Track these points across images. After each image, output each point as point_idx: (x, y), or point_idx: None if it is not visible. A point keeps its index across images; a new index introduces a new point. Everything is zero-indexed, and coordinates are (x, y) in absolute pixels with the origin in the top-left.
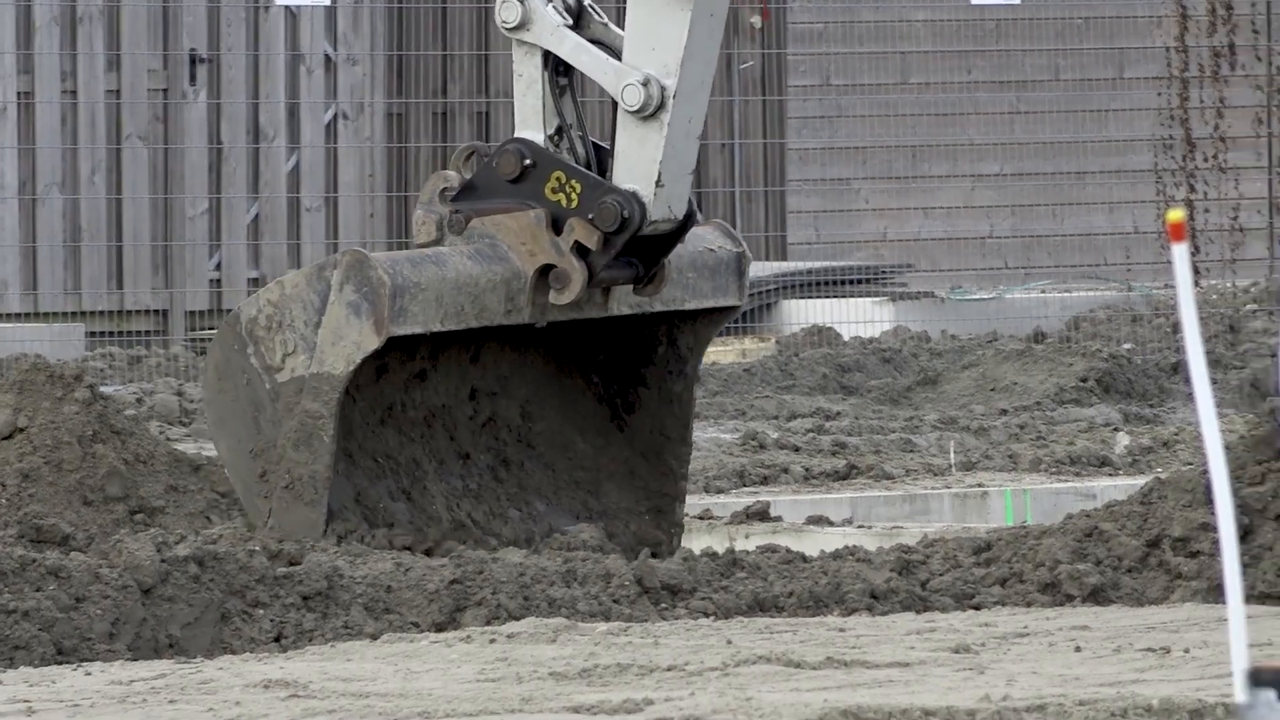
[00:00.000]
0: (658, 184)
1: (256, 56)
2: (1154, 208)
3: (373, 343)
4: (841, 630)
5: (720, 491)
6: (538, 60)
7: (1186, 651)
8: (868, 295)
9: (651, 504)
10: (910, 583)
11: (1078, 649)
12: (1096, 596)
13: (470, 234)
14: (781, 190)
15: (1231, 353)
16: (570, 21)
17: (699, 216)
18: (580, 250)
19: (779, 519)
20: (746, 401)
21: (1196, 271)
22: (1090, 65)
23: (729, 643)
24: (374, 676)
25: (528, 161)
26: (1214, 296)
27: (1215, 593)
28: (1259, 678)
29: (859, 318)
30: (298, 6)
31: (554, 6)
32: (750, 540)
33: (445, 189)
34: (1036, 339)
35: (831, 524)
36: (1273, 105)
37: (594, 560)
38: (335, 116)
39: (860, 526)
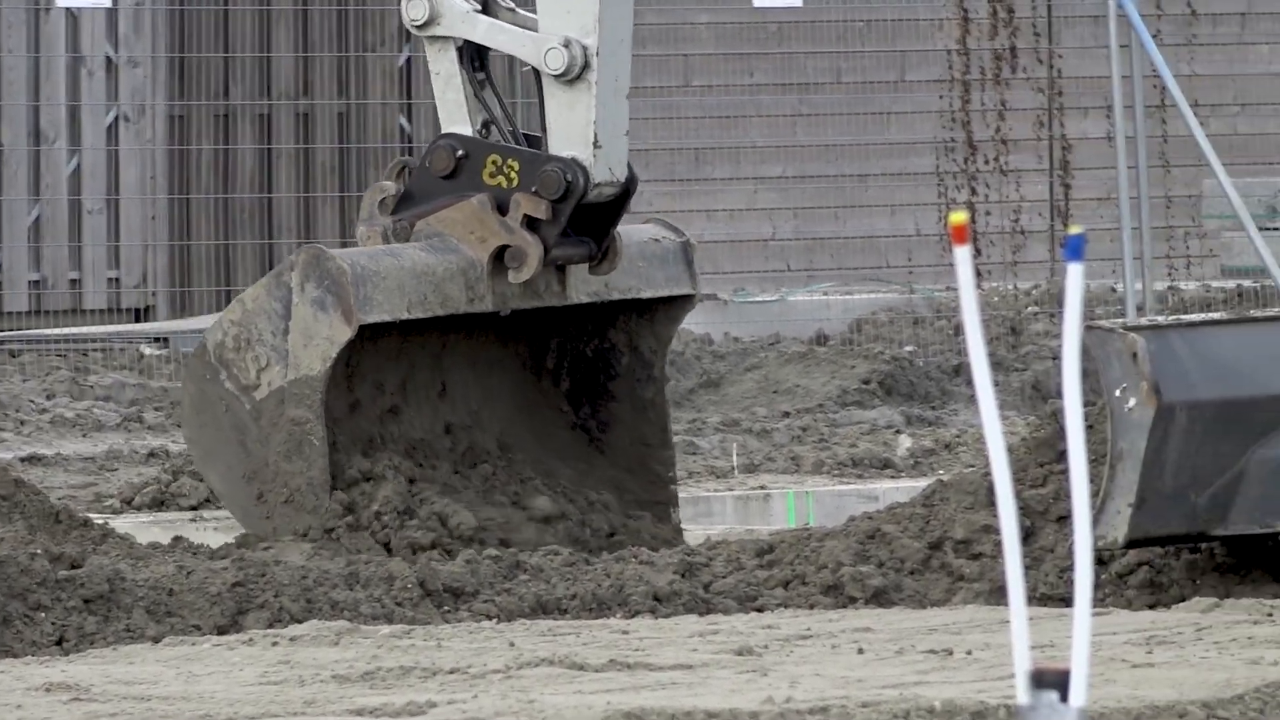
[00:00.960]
0: (595, 145)
1: (37, 59)
2: (936, 210)
3: (344, 333)
4: (624, 633)
5: None
6: (452, 54)
7: (969, 653)
8: None
9: (646, 514)
10: (693, 585)
11: (860, 651)
12: (879, 598)
13: (417, 236)
14: None
15: (1013, 355)
16: (478, 8)
17: (638, 181)
18: (531, 225)
19: None
20: None
21: (978, 274)
22: (872, 68)
23: (512, 645)
24: (156, 679)
25: (460, 153)
26: (996, 299)
27: (997, 594)
28: (1041, 679)
29: None
30: (78, 9)
31: None
32: None
33: (384, 199)
34: (819, 341)
35: None
36: (1054, 108)
37: (377, 563)
38: (117, 119)
39: None
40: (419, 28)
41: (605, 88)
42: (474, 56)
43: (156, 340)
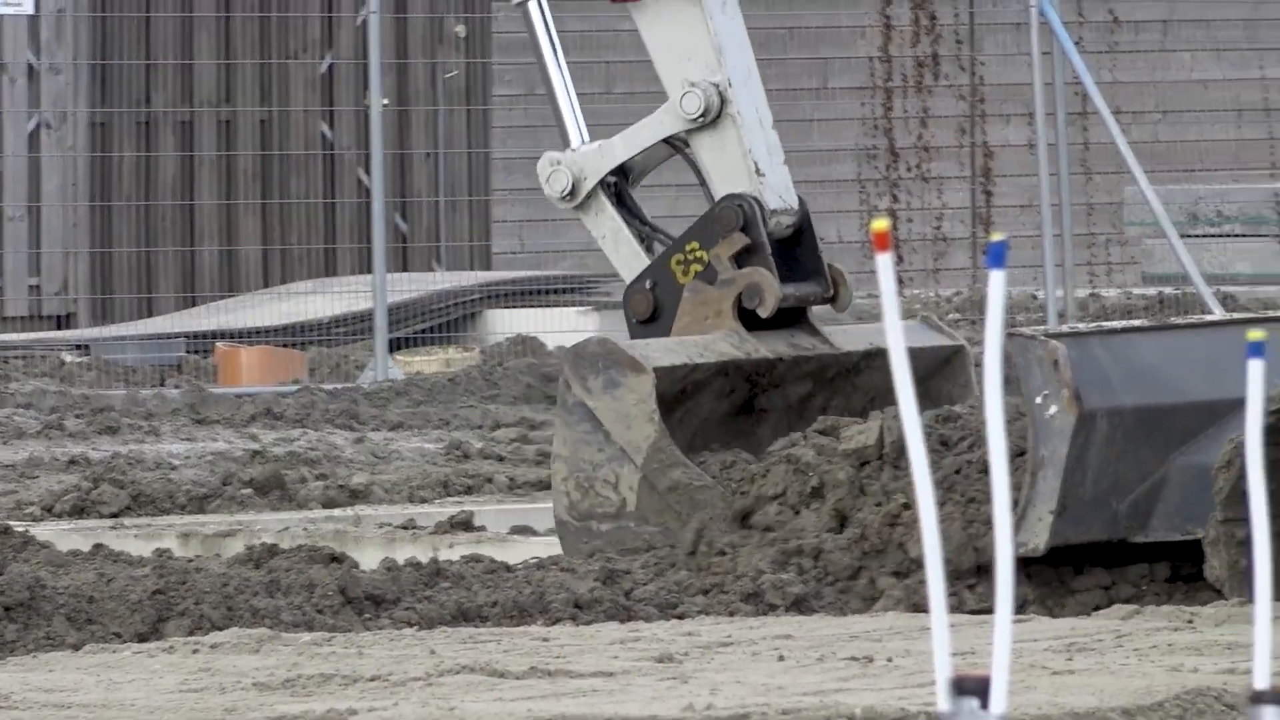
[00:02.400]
0: (758, 174)
1: None
2: (858, 217)
3: (645, 383)
4: (545, 640)
5: (424, 501)
6: (609, 209)
7: (889, 660)
8: (572, 305)
9: None
10: (614, 592)
11: (781, 658)
12: (799, 606)
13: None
14: (486, 200)
15: None
16: (592, 141)
17: (814, 226)
18: (741, 264)
19: (483, 529)
20: (451, 411)
21: (900, 281)
22: (795, 75)
23: (433, 652)
24: (76, 687)
25: (649, 284)
26: (917, 306)
27: (919, 599)
28: (962, 686)
29: (563, 327)
30: (0, 15)
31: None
32: (454, 550)
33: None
34: None
35: (535, 533)
36: (976, 115)
37: (297, 570)
38: (38, 126)
39: None
40: (568, 200)
41: (749, 118)
42: (618, 193)
43: (78, 348)
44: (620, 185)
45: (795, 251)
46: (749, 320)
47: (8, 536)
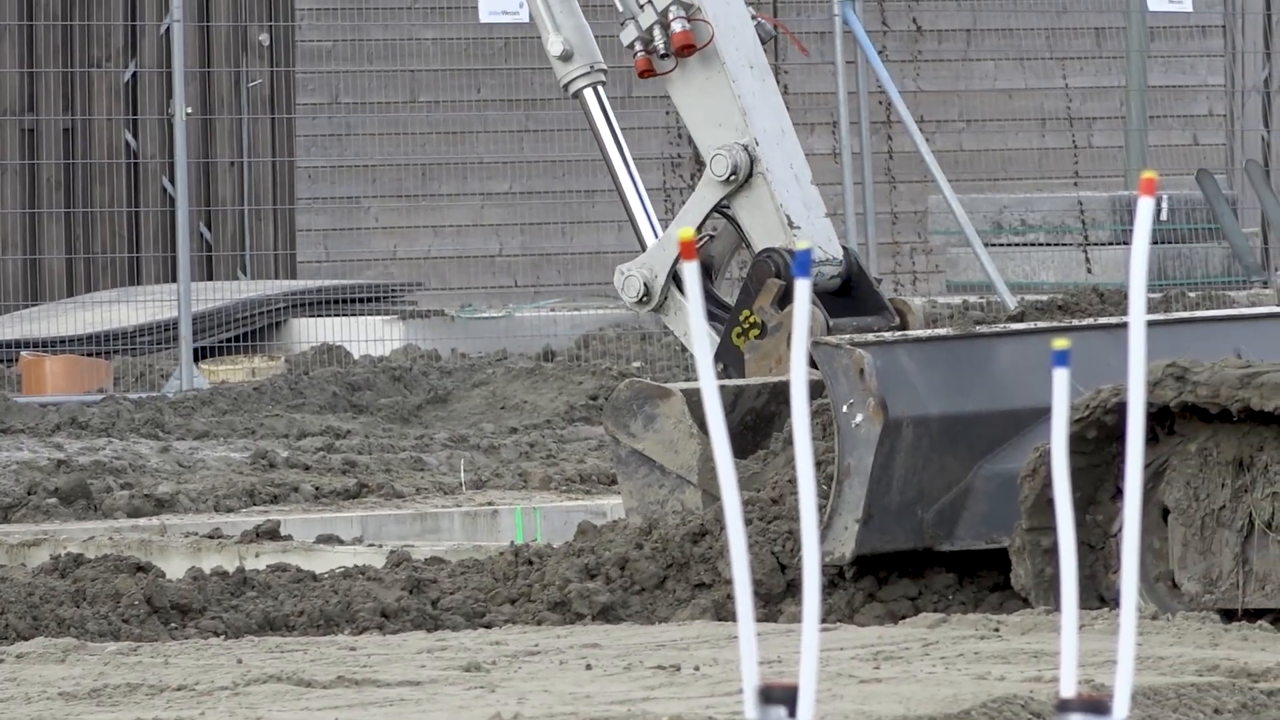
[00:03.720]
0: (792, 227)
1: None
2: (663, 226)
3: (677, 404)
4: (352, 649)
5: (230, 511)
6: (684, 306)
7: (697, 669)
8: (378, 314)
9: None
10: (421, 601)
11: (588, 667)
12: (607, 615)
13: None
14: (291, 209)
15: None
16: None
17: (866, 270)
18: (783, 305)
19: (289, 538)
20: (256, 420)
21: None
22: None
23: (239, 662)
24: None
25: (720, 368)
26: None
27: (726, 610)
28: (769, 695)
29: (369, 336)
30: None
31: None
32: (260, 559)
33: None
34: (546, 357)
35: (342, 543)
36: None
37: (103, 580)
38: None
39: (371, 545)
40: (646, 303)
41: (781, 174)
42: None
43: None
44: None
45: (851, 296)
46: None
47: None
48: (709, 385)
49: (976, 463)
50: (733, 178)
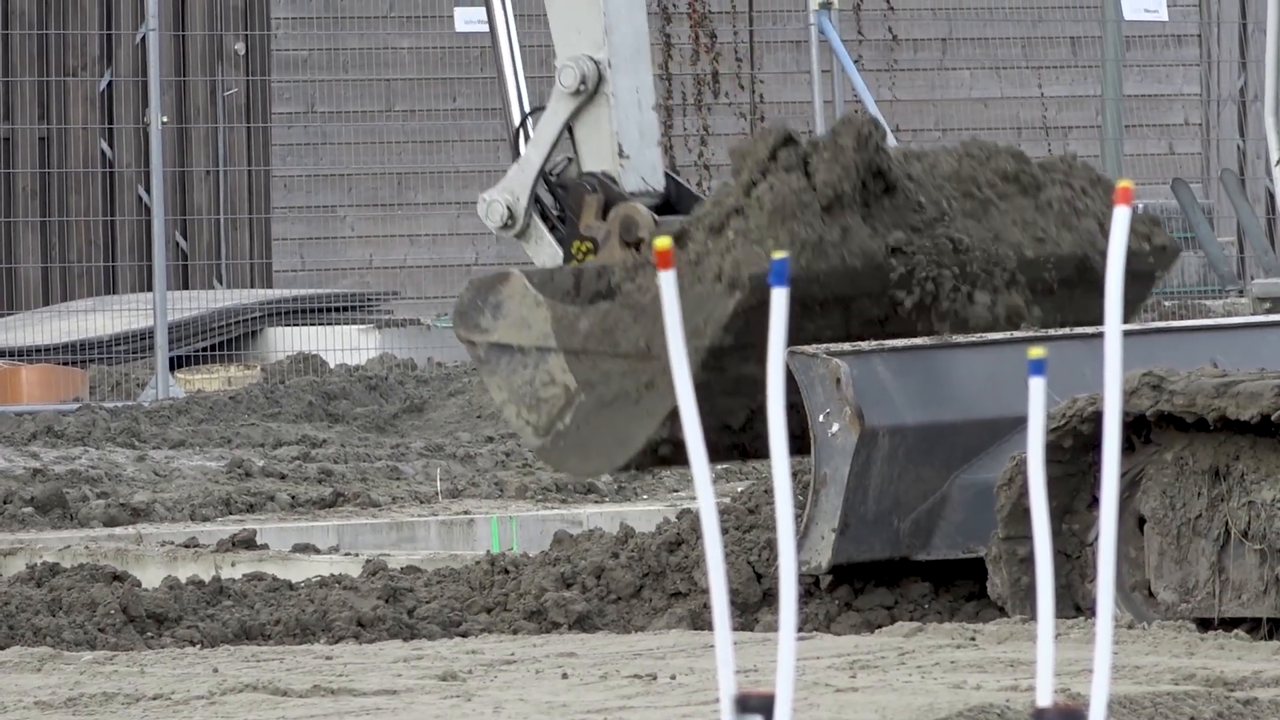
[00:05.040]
0: (621, 156)
1: None
2: None
3: (516, 281)
4: (329, 658)
5: (206, 520)
6: (545, 235)
7: (673, 678)
8: (354, 323)
9: None
10: (397, 610)
11: (565, 676)
12: (583, 624)
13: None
14: (267, 218)
15: None
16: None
17: (687, 185)
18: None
19: (265, 547)
20: (232, 429)
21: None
22: None
23: (215, 671)
24: None
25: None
26: None
27: (702, 619)
28: (745, 704)
29: (345, 345)
30: None
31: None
32: (237, 568)
33: None
34: None
35: (318, 552)
36: (756, 133)
37: (79, 589)
38: None
39: (347, 554)
40: (510, 228)
41: (625, 99)
42: (542, 197)
43: None
44: (544, 204)
45: (673, 208)
46: None
47: None
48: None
49: (953, 472)
50: (581, 89)
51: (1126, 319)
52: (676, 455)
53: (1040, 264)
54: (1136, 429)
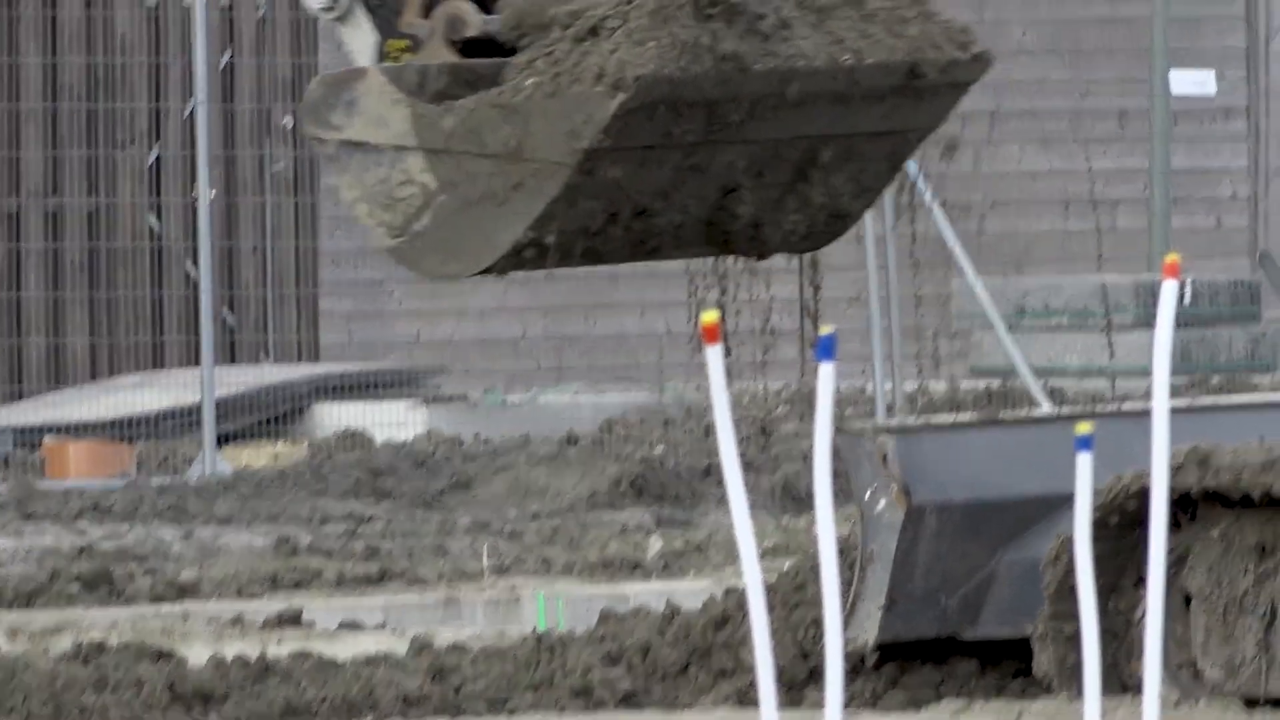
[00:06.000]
0: None
1: None
2: (686, 309)
3: (373, 77)
4: None
5: (252, 596)
6: (364, 23)
7: None
8: (400, 398)
9: None
10: (444, 688)
11: None
12: (629, 702)
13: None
14: (314, 292)
15: (764, 456)
16: None
17: None
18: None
19: (312, 624)
20: (279, 505)
21: (728, 373)
22: None
23: None
24: None
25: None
26: (746, 399)
27: (749, 698)
28: None
29: (391, 421)
30: None
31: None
32: (283, 646)
33: None
34: (570, 442)
35: (365, 629)
36: None
37: (125, 667)
38: None
39: (393, 631)
40: (329, 11)
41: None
42: None
43: None
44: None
45: None
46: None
47: None
48: (731, 464)
49: (1000, 550)
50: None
51: (935, 125)
52: (539, 258)
53: (875, 70)
54: (1183, 506)
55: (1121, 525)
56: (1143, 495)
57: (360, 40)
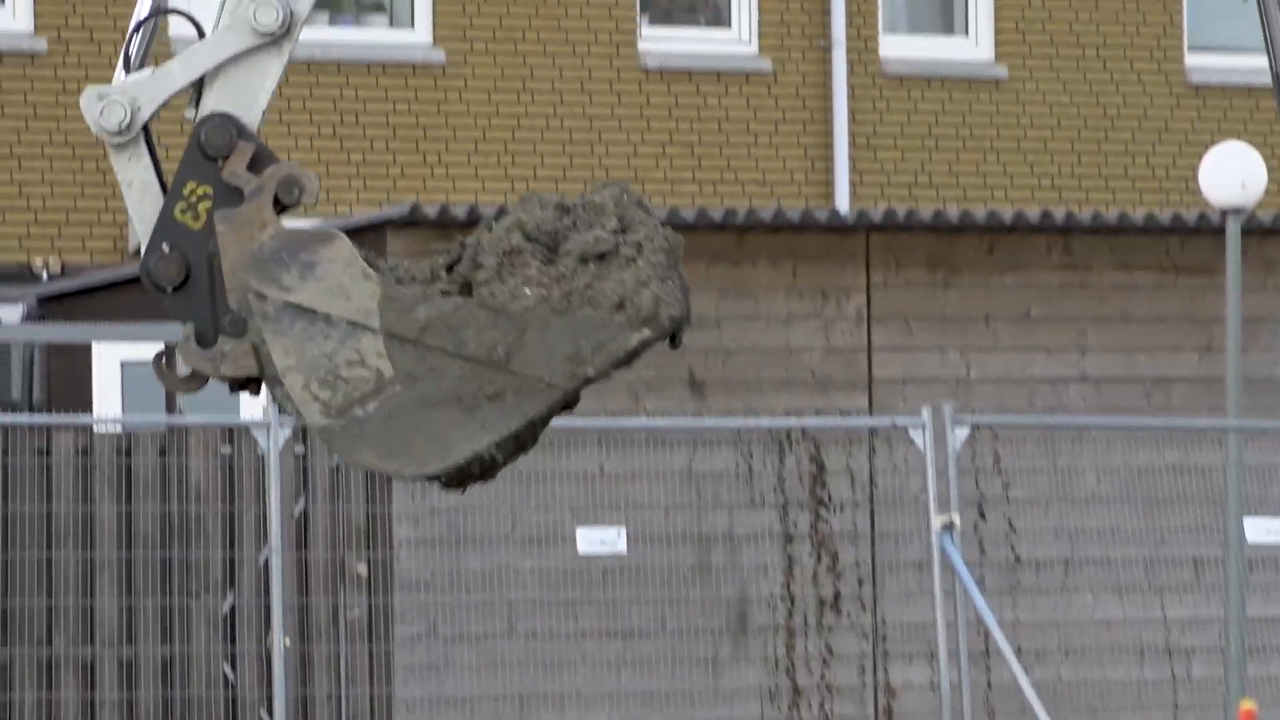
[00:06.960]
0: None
1: None
2: None
3: (343, 246)
4: None
5: None
6: (145, 156)
7: None
8: None
9: None
10: None
11: None
12: None
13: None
14: None
15: None
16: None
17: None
18: (256, 169)
19: None
20: None
21: None
22: (696, 614)
23: None
24: None
25: (167, 248)
26: None
27: None
28: None
29: None
30: None
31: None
32: None
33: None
34: None
35: None
36: (878, 654)
37: None
38: None
39: None
40: (119, 135)
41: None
42: (147, 127)
43: None
44: (150, 131)
45: None
46: None
47: None
48: None
49: None
50: (274, 32)
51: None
52: (485, 474)
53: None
54: None
55: None
56: None
57: (136, 176)
